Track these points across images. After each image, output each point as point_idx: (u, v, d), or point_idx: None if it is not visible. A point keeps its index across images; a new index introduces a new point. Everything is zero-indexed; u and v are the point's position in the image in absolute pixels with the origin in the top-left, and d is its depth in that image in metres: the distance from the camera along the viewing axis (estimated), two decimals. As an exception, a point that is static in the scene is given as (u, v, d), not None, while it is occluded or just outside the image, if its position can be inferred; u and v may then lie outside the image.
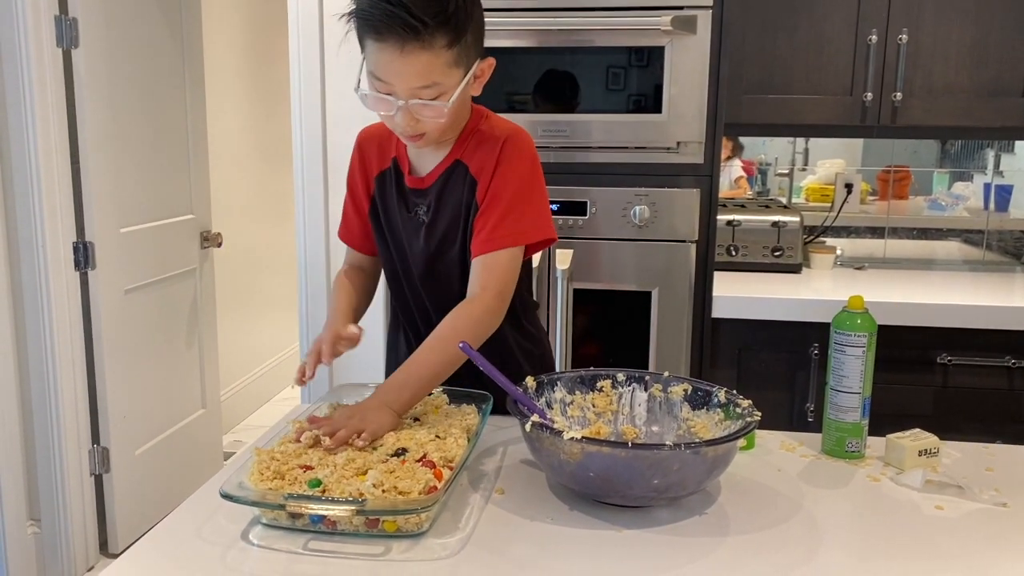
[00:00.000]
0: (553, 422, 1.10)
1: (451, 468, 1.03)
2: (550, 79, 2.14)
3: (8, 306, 2.38)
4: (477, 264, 1.28)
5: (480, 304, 1.25)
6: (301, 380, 1.24)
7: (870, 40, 2.25)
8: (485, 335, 1.25)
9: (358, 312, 1.41)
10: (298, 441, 1.09)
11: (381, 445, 1.09)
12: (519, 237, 1.28)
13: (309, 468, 1.02)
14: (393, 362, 1.51)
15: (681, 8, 2.04)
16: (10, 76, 2.29)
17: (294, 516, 0.97)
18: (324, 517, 0.96)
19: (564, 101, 2.15)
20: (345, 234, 1.48)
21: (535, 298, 1.57)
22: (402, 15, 1.11)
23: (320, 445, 1.08)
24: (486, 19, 1.26)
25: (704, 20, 2.05)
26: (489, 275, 1.26)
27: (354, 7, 1.18)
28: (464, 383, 1.29)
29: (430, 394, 1.25)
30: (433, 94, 1.18)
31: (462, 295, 1.31)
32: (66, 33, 2.37)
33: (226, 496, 0.95)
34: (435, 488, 0.97)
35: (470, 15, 1.18)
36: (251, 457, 1.04)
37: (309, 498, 0.95)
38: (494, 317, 1.26)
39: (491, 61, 1.26)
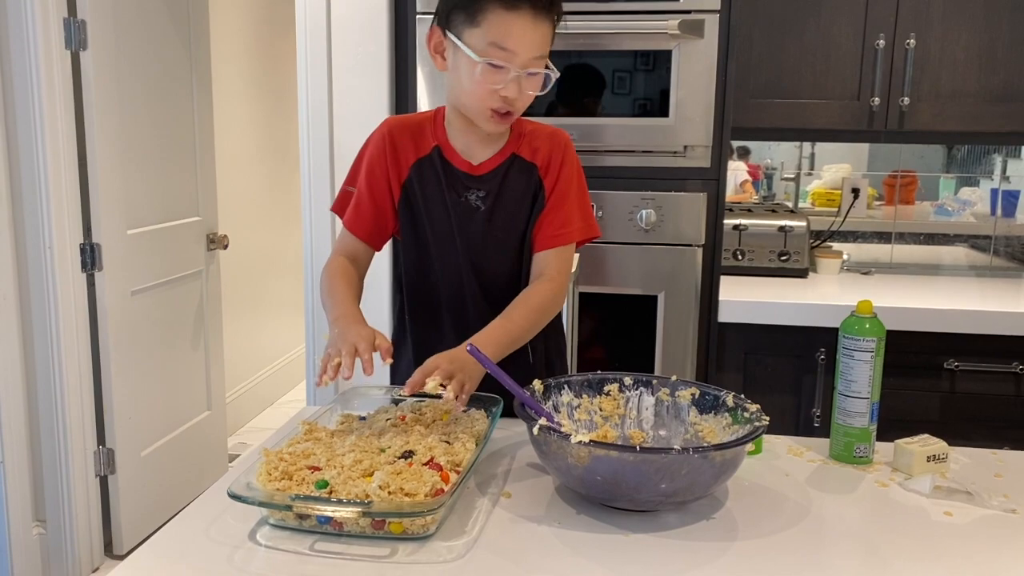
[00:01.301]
0: (560, 425, 1.10)
1: (458, 472, 1.03)
2: (557, 82, 2.14)
3: (15, 307, 2.38)
4: (549, 254, 1.38)
5: (557, 285, 1.37)
6: (324, 380, 1.14)
7: (878, 45, 2.25)
8: (554, 313, 1.39)
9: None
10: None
11: (389, 447, 1.09)
12: (581, 232, 1.42)
13: (316, 469, 1.02)
14: (400, 364, 1.50)
15: (688, 12, 2.05)
16: (19, 78, 2.30)
17: (301, 517, 0.97)
18: (331, 518, 0.96)
19: (571, 104, 2.15)
20: (354, 223, 1.42)
21: None
22: None
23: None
24: None
25: (711, 24, 2.05)
26: (560, 263, 1.39)
27: None
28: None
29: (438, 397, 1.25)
30: (542, 65, 1.28)
31: (509, 283, 1.39)
32: (75, 35, 2.38)
33: (234, 496, 0.95)
34: (441, 491, 0.97)
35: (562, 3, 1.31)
36: (260, 458, 1.04)
37: (316, 499, 0.95)
38: (563, 300, 1.40)
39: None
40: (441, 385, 1.12)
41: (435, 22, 1.31)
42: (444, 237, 1.40)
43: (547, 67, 1.29)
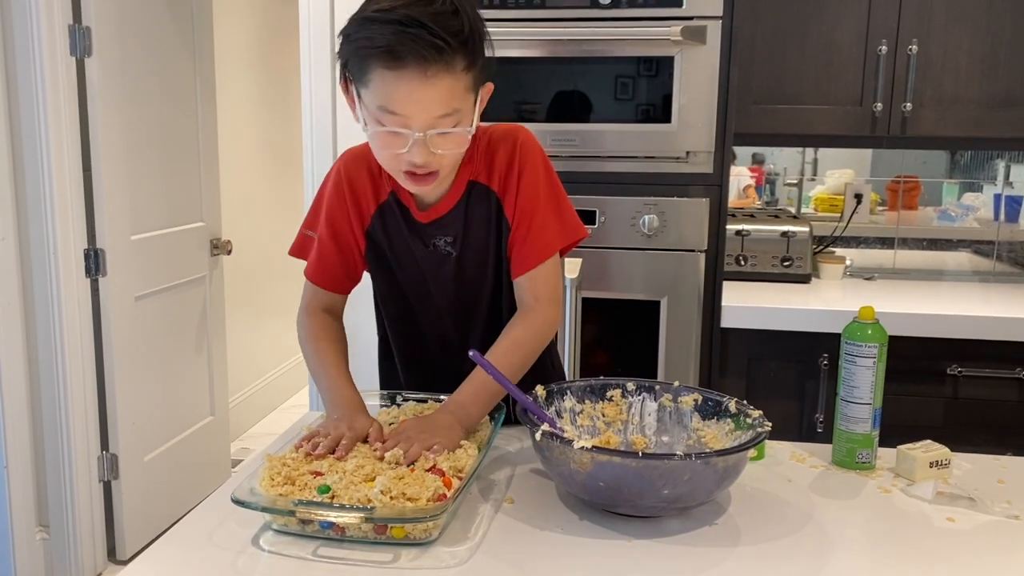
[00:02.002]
0: (563, 431, 1.10)
1: (460, 477, 1.03)
2: (560, 89, 2.15)
3: (19, 312, 2.39)
4: (524, 280, 1.26)
5: (539, 315, 1.25)
6: (302, 445, 1.09)
7: (880, 51, 2.25)
8: (544, 345, 1.26)
9: None
10: (308, 454, 1.07)
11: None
12: (556, 244, 1.27)
13: (319, 474, 1.02)
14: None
15: (691, 18, 2.05)
16: (24, 84, 2.31)
17: (304, 522, 0.97)
18: (334, 523, 0.96)
19: (574, 111, 2.16)
20: (319, 275, 1.31)
21: None
22: (423, 35, 1.03)
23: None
24: (497, 29, 1.25)
25: (714, 30, 2.05)
26: (540, 286, 1.26)
27: (354, 37, 1.08)
28: None
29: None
30: (452, 122, 1.11)
31: (488, 316, 1.31)
32: (79, 42, 2.39)
33: (237, 502, 0.95)
34: (444, 496, 0.97)
35: (482, 38, 1.13)
36: (263, 463, 1.04)
37: (318, 504, 0.95)
38: (552, 326, 1.27)
39: (490, 87, 1.19)
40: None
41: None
42: (417, 285, 1.32)
43: (456, 125, 1.11)
